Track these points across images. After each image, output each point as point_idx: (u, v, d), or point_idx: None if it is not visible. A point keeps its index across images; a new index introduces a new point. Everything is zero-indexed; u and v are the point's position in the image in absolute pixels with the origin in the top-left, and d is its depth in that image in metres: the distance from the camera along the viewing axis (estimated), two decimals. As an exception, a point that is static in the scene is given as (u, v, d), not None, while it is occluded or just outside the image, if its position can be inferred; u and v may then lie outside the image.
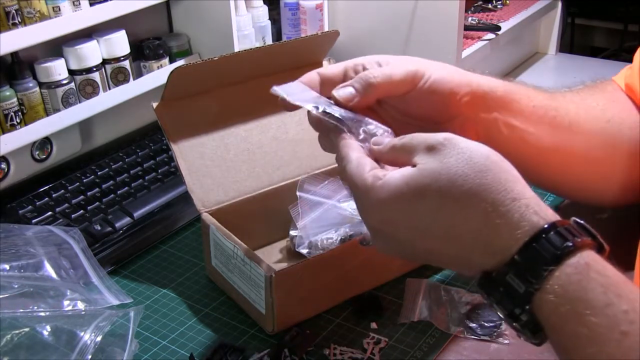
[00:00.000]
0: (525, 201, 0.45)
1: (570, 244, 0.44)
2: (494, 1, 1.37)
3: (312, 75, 0.60)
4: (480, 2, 1.38)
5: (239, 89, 0.79)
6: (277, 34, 1.19)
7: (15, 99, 0.88)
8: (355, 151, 0.53)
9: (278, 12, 1.17)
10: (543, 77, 1.40)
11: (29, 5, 0.84)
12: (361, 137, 0.55)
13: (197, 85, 0.76)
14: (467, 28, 1.19)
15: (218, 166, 0.76)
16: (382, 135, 0.55)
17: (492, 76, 0.65)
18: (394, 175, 0.48)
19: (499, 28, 1.24)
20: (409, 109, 0.61)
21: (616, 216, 0.81)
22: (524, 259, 0.44)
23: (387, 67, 0.59)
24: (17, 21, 0.83)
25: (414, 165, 0.48)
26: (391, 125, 0.56)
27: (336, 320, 0.70)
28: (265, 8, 1.14)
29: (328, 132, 0.57)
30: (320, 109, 0.56)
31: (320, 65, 0.84)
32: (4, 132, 0.87)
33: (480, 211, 0.45)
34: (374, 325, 0.69)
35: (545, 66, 1.44)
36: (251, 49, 0.97)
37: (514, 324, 0.46)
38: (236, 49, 1.05)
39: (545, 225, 0.44)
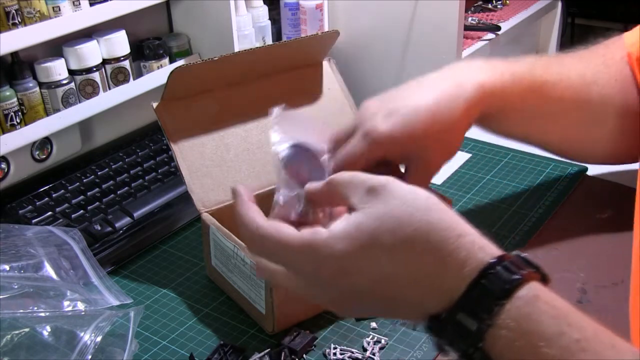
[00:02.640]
0: (470, 237, 0.45)
1: (518, 277, 0.43)
2: (494, 1, 1.38)
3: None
4: (480, 2, 1.38)
5: (239, 89, 0.79)
6: (277, 34, 1.19)
7: (15, 99, 0.88)
8: (259, 215, 0.50)
9: (278, 12, 1.17)
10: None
11: (29, 5, 0.84)
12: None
13: (197, 85, 0.76)
14: (467, 28, 1.19)
15: (218, 166, 0.76)
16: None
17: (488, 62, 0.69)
18: (339, 224, 0.46)
19: (499, 28, 1.24)
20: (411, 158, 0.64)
21: (616, 216, 0.81)
22: (474, 296, 0.44)
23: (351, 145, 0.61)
24: (17, 21, 0.83)
25: (353, 209, 0.47)
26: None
27: (336, 320, 0.70)
28: (265, 8, 1.14)
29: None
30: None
31: (320, 65, 0.84)
32: (4, 132, 0.87)
33: (431, 251, 0.45)
34: (374, 325, 0.69)
35: (545, 66, 1.44)
36: (251, 49, 0.97)
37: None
38: (236, 49, 1.05)
39: (492, 260, 0.44)
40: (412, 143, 0.62)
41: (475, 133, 1.15)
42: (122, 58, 0.98)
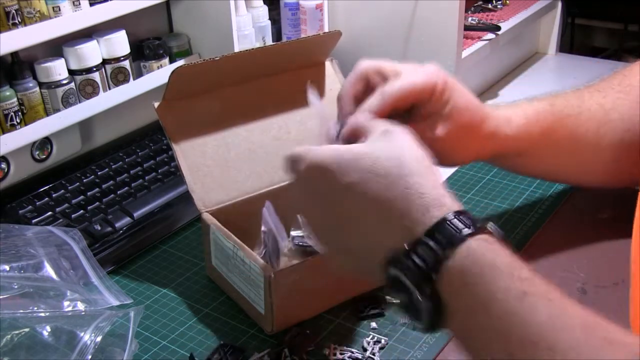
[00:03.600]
0: (443, 192, 0.51)
1: (480, 225, 0.48)
2: (494, 1, 1.37)
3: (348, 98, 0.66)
4: (480, 2, 1.38)
5: (240, 89, 0.79)
6: (277, 34, 1.19)
7: (15, 99, 0.88)
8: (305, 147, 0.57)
9: (278, 12, 1.17)
10: (543, 77, 1.40)
11: (29, 5, 0.84)
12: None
13: (198, 85, 0.76)
14: (467, 28, 1.19)
15: (219, 166, 0.76)
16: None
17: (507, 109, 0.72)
18: (349, 145, 0.55)
19: (499, 28, 1.24)
20: (444, 119, 0.66)
21: (616, 216, 0.81)
22: (438, 232, 0.48)
23: (402, 77, 0.64)
24: (17, 21, 0.83)
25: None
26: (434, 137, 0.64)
27: (336, 320, 0.70)
28: (265, 8, 1.14)
29: None
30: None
31: (322, 66, 0.84)
32: (4, 132, 0.86)
33: (404, 186, 0.50)
34: (374, 325, 0.69)
35: (545, 66, 1.44)
36: (253, 48, 0.97)
37: (419, 297, 0.47)
38: (236, 49, 1.05)
39: (459, 210, 0.49)
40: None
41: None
42: (122, 58, 0.98)
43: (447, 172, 0.94)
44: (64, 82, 0.92)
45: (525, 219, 0.84)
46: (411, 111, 0.65)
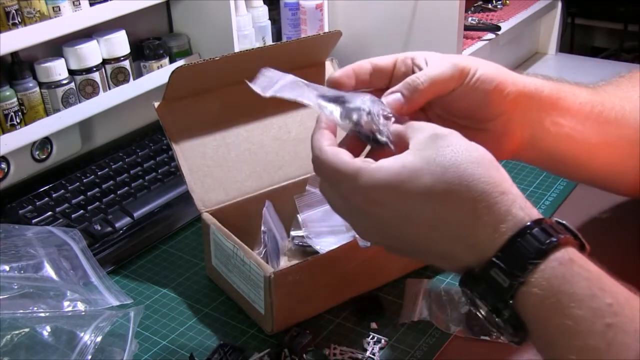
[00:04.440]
0: (512, 196, 0.46)
1: (555, 240, 0.44)
2: (494, 1, 1.37)
3: (364, 63, 0.59)
4: (480, 2, 1.38)
5: (240, 89, 0.78)
6: (277, 34, 1.19)
7: (15, 99, 0.88)
8: (327, 141, 0.53)
9: (278, 12, 1.17)
10: (543, 77, 1.40)
11: (29, 5, 0.83)
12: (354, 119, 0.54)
13: (198, 85, 0.76)
14: (467, 28, 1.19)
15: (219, 166, 0.76)
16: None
17: (536, 76, 0.65)
18: (389, 159, 0.49)
19: (499, 28, 1.24)
20: (453, 106, 0.60)
21: (616, 216, 0.81)
22: (509, 253, 0.45)
23: (432, 67, 0.58)
24: (17, 21, 0.83)
25: (408, 149, 0.49)
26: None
27: (336, 320, 0.70)
28: (265, 8, 1.14)
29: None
30: (314, 100, 0.54)
31: (322, 66, 0.84)
32: (4, 132, 0.86)
33: (469, 200, 0.46)
34: (374, 325, 0.69)
35: (545, 66, 1.44)
36: (253, 48, 0.97)
37: (497, 319, 0.46)
38: (236, 49, 1.05)
39: (530, 222, 0.45)
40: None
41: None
42: (122, 58, 0.98)
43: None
44: (64, 82, 0.92)
45: (541, 200, 0.83)
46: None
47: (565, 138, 0.64)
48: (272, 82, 0.56)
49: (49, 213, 0.86)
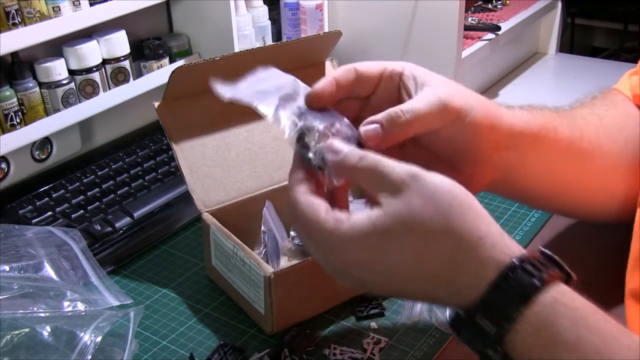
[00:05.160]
0: (490, 239, 0.45)
1: (537, 282, 0.43)
2: (494, 1, 1.37)
3: (348, 70, 0.55)
4: (480, 2, 1.38)
5: (239, 89, 0.79)
6: (277, 34, 1.19)
7: (15, 99, 0.88)
8: (301, 187, 0.50)
9: (278, 12, 1.17)
10: (543, 77, 1.40)
11: (29, 5, 0.83)
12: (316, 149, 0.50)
13: (198, 85, 0.76)
14: (467, 28, 1.19)
15: (219, 166, 0.76)
16: (337, 138, 0.50)
17: (523, 110, 0.61)
18: (360, 217, 0.46)
19: (499, 28, 1.24)
20: (430, 141, 0.56)
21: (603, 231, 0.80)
22: (493, 300, 0.43)
23: (420, 102, 0.53)
24: (17, 21, 0.83)
25: (376, 202, 0.47)
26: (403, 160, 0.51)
27: (336, 320, 0.70)
28: (265, 8, 1.14)
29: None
30: (272, 113, 0.51)
31: (322, 66, 0.84)
32: (4, 132, 0.86)
33: (446, 250, 0.45)
34: (374, 325, 0.69)
35: (545, 66, 1.44)
36: (253, 48, 0.97)
37: (489, 355, 0.45)
38: (236, 49, 1.05)
39: (512, 262, 0.44)
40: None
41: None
42: (122, 58, 0.98)
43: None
44: (64, 82, 0.92)
45: (526, 219, 0.84)
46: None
47: (541, 176, 0.62)
48: (249, 84, 0.54)
49: (49, 213, 0.86)
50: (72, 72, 0.93)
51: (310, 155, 0.50)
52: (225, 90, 0.53)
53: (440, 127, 0.54)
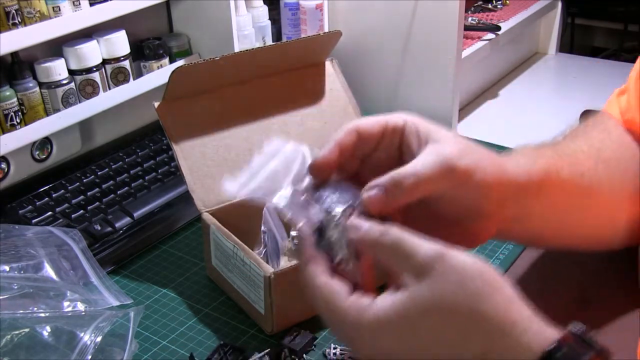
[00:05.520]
0: (524, 325, 0.43)
1: None
2: (494, 1, 1.37)
3: (350, 133, 0.53)
4: (480, 2, 1.38)
5: (241, 89, 0.79)
6: (277, 34, 1.19)
7: (15, 99, 0.88)
8: (319, 274, 0.47)
9: (278, 12, 1.17)
10: (543, 77, 1.40)
11: (29, 5, 0.83)
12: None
13: (198, 85, 0.76)
14: (467, 28, 1.19)
15: (219, 166, 0.76)
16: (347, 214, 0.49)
17: (525, 157, 0.59)
18: (384, 305, 0.44)
19: (499, 28, 1.24)
20: (435, 202, 0.53)
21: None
22: None
23: (423, 164, 0.50)
24: (17, 21, 0.83)
25: (400, 284, 0.45)
26: (405, 218, 0.50)
27: (336, 321, 0.69)
28: (265, 8, 1.14)
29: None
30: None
31: (322, 66, 0.84)
32: (4, 132, 0.86)
33: (479, 342, 0.43)
34: (374, 325, 0.68)
35: (545, 66, 1.44)
36: (253, 48, 0.97)
37: None
38: (236, 49, 1.05)
39: (550, 347, 0.42)
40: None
41: (474, 133, 1.15)
42: (122, 58, 0.98)
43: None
44: (64, 82, 0.92)
45: (501, 247, 0.83)
46: None
47: (547, 219, 0.61)
48: (259, 166, 0.52)
49: (49, 213, 0.86)
50: (72, 72, 0.93)
51: (337, 250, 0.48)
52: (234, 187, 0.51)
53: (446, 189, 0.52)
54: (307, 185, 0.51)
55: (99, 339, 0.59)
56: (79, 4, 0.88)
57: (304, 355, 0.65)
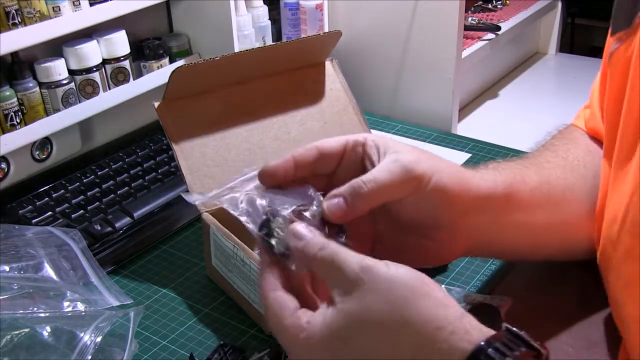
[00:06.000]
0: (450, 328, 0.43)
1: None
2: (494, 1, 1.38)
3: (310, 149, 0.54)
4: (480, 2, 1.38)
5: (240, 89, 0.79)
6: (277, 34, 1.19)
7: (15, 99, 0.88)
8: (271, 287, 0.48)
9: (278, 12, 1.17)
10: (543, 77, 1.40)
11: (29, 5, 0.83)
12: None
13: (198, 85, 0.76)
14: (467, 28, 1.19)
15: (219, 166, 0.76)
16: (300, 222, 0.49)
17: (488, 169, 0.60)
18: (317, 323, 0.45)
19: (499, 28, 1.24)
20: (399, 212, 0.55)
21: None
22: None
23: (381, 172, 0.52)
24: (17, 21, 0.83)
25: (331, 300, 0.45)
26: (375, 230, 0.51)
27: (336, 321, 0.70)
28: (265, 8, 1.14)
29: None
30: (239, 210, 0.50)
31: (322, 66, 0.84)
32: (4, 132, 0.86)
33: (407, 349, 0.43)
34: (374, 325, 0.68)
35: (545, 66, 1.44)
36: (253, 48, 0.97)
37: None
38: (236, 49, 1.05)
39: (477, 347, 0.42)
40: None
41: (474, 133, 1.15)
42: (122, 58, 0.98)
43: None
44: (64, 82, 0.92)
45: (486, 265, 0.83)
46: None
47: (516, 232, 0.60)
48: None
49: (49, 213, 0.86)
50: (72, 72, 0.93)
51: (273, 242, 0.49)
52: (192, 198, 0.53)
53: (405, 194, 0.53)
54: (257, 187, 0.52)
55: (99, 339, 0.59)
56: (79, 4, 0.88)
57: (304, 355, 0.65)
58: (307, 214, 0.50)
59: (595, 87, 0.71)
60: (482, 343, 0.42)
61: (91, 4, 0.90)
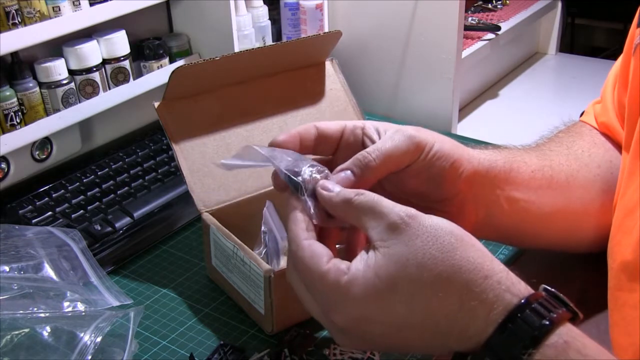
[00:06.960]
0: (497, 277, 0.44)
1: (547, 323, 0.42)
2: (494, 1, 1.38)
3: (309, 127, 0.55)
4: (480, 2, 1.38)
5: (241, 89, 0.79)
6: (277, 34, 1.19)
7: (15, 99, 0.88)
8: (304, 233, 0.48)
9: (278, 12, 1.17)
10: (543, 77, 1.40)
11: (29, 5, 0.84)
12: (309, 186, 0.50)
13: (198, 85, 0.76)
14: (467, 28, 1.19)
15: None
16: (324, 176, 0.50)
17: (488, 149, 0.62)
18: (359, 267, 0.45)
19: (499, 28, 1.24)
20: (406, 184, 0.56)
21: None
22: (501, 342, 0.42)
23: (385, 141, 0.54)
24: (17, 21, 0.83)
25: (372, 244, 0.45)
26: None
27: (336, 321, 0.70)
28: (265, 8, 1.14)
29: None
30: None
31: (322, 66, 0.84)
32: (4, 132, 0.86)
33: (455, 294, 0.43)
34: (374, 325, 0.68)
35: (545, 66, 1.44)
36: (253, 48, 0.97)
37: None
38: (236, 49, 1.05)
39: (520, 302, 0.43)
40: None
41: (474, 133, 1.15)
42: (122, 58, 0.98)
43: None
44: (64, 82, 0.92)
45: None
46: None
47: (520, 212, 0.61)
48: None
49: (49, 213, 0.86)
50: (72, 72, 0.94)
51: (300, 181, 0.50)
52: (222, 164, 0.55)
53: (409, 162, 0.54)
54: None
55: (99, 339, 0.59)
56: (79, 4, 0.88)
57: (304, 355, 0.65)
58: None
59: (609, 82, 0.71)
60: (522, 300, 0.43)
61: (91, 4, 0.90)
